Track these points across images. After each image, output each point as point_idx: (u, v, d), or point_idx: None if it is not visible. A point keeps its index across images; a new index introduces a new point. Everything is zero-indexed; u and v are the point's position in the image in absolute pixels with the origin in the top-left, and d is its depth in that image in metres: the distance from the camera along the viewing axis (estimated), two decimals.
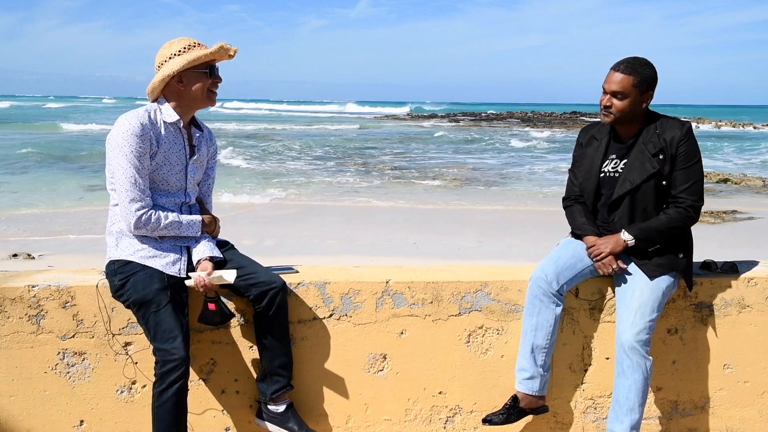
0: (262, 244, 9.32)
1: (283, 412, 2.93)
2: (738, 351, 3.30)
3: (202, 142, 2.99)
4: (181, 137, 2.89)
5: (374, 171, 20.02)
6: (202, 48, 2.83)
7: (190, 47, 2.82)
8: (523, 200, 14.68)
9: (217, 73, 2.89)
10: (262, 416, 2.98)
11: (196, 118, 3.01)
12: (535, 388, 3.03)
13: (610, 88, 2.98)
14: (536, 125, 50.13)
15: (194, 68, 2.82)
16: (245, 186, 15.96)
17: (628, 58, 3.00)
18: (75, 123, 41.80)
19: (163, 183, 2.84)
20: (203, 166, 3.02)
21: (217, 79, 2.88)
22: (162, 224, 2.77)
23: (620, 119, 3.02)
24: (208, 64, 2.84)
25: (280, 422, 2.93)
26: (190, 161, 2.92)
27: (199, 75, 2.83)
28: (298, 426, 2.92)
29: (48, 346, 2.89)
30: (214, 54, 2.82)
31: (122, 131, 2.73)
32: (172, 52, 2.82)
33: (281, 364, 2.91)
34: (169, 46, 2.84)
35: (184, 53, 2.80)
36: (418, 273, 3.25)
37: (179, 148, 2.88)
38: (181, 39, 2.85)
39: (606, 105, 3.01)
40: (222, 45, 2.82)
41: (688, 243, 3.10)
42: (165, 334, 2.67)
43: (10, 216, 11.59)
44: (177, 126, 2.87)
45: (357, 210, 13.02)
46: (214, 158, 3.11)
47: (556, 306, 3.02)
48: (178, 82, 2.83)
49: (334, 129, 43.05)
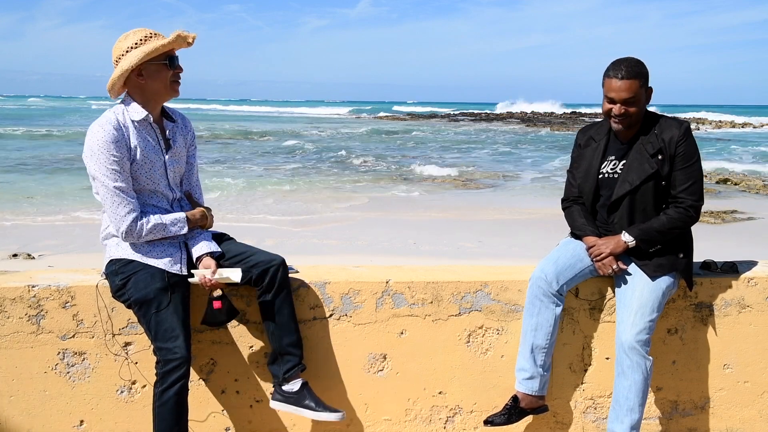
0: (262, 244, 9.32)
1: (298, 391, 2.88)
2: (738, 351, 3.30)
3: (176, 133, 2.92)
4: (154, 133, 2.82)
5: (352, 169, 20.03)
6: (159, 38, 2.74)
7: (146, 38, 2.73)
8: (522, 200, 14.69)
9: (177, 62, 2.80)
10: (277, 399, 2.92)
11: (167, 109, 2.93)
12: (535, 388, 3.03)
13: (620, 96, 2.93)
14: (536, 125, 50.12)
15: (153, 60, 2.73)
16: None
17: (622, 62, 2.95)
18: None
19: (146, 183, 2.80)
20: (183, 158, 2.95)
21: (178, 69, 2.80)
22: (145, 230, 2.72)
23: (634, 123, 3.01)
24: (167, 55, 2.76)
25: (296, 401, 2.87)
26: (167, 156, 2.85)
27: (158, 66, 2.75)
28: (315, 403, 2.86)
29: (48, 346, 2.89)
30: (172, 43, 2.74)
31: (95, 140, 2.67)
32: (129, 45, 2.72)
33: (291, 342, 2.87)
34: (124, 39, 2.75)
35: (141, 45, 2.71)
36: (418, 273, 3.25)
37: (153, 144, 2.81)
38: (136, 30, 2.76)
39: (620, 114, 2.96)
40: (179, 33, 2.73)
41: (689, 243, 3.10)
42: (166, 334, 2.66)
43: (10, 216, 11.58)
44: (147, 122, 2.79)
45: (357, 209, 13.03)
46: (194, 146, 3.03)
47: (556, 306, 3.02)
48: (137, 76, 2.75)
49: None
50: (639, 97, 2.95)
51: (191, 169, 3.02)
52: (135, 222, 2.70)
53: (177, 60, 2.82)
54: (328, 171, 20.08)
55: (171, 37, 2.73)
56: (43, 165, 19.79)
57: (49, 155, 22.28)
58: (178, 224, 2.81)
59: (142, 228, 2.72)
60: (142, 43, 2.72)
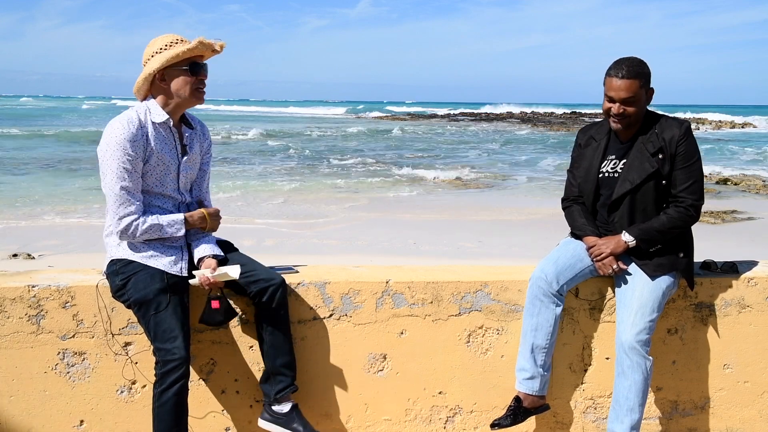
0: (262, 244, 9.32)
1: (288, 413, 2.90)
2: (738, 351, 3.30)
3: (194, 140, 2.95)
4: (172, 137, 2.85)
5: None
6: (184, 44, 2.77)
7: (171, 44, 2.76)
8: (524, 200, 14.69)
9: (202, 70, 2.81)
10: (266, 418, 2.94)
11: (188, 116, 2.96)
12: (536, 388, 3.03)
13: (619, 96, 2.93)
14: (536, 125, 50.12)
15: (175, 65, 2.76)
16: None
17: (623, 62, 2.96)
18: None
19: (156, 185, 2.81)
20: (196, 165, 2.98)
21: (201, 76, 2.81)
22: (140, 231, 2.72)
23: (633, 123, 3.01)
24: (190, 61, 2.78)
25: (284, 423, 2.89)
26: (182, 161, 2.88)
27: (179, 72, 2.77)
28: (303, 427, 2.88)
29: (48, 346, 2.89)
30: (194, 50, 2.75)
31: (114, 136, 2.69)
32: (155, 50, 2.77)
33: (284, 363, 2.89)
34: (153, 43, 2.80)
35: (165, 50, 2.75)
36: (418, 273, 3.25)
37: (170, 148, 2.84)
38: (165, 36, 2.80)
39: (618, 113, 2.97)
40: (201, 40, 2.75)
41: (689, 242, 3.10)
42: (166, 334, 2.67)
43: (10, 216, 11.58)
44: (167, 125, 2.82)
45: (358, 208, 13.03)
46: (209, 154, 3.06)
47: (556, 306, 3.02)
48: (160, 81, 2.78)
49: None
50: (638, 97, 2.95)
51: (203, 176, 3.04)
52: (132, 224, 2.71)
53: (202, 67, 2.82)
54: (328, 171, 20.08)
55: (193, 44, 2.75)
56: (42, 165, 19.80)
57: (48, 155, 22.28)
58: (175, 225, 2.80)
59: (137, 228, 2.72)
60: (166, 49, 2.76)
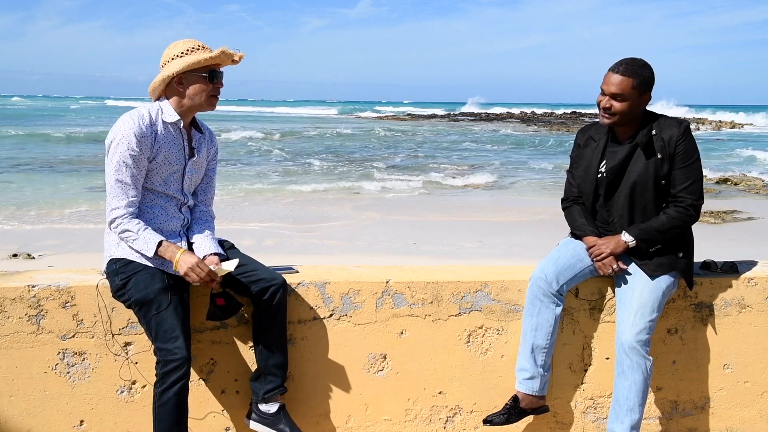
0: (262, 244, 9.32)
1: (275, 413, 2.90)
2: (738, 351, 3.30)
3: (202, 144, 2.98)
4: (181, 138, 2.88)
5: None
6: (205, 51, 2.82)
7: (192, 50, 2.81)
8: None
9: (219, 78, 2.86)
10: (254, 418, 2.94)
11: (198, 120, 3.00)
12: (536, 388, 3.03)
13: (609, 90, 2.96)
14: (536, 125, 50.13)
15: (195, 71, 2.80)
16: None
17: (626, 60, 2.98)
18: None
19: (161, 184, 2.84)
20: (202, 168, 3.01)
21: (218, 84, 2.86)
22: (120, 228, 2.73)
23: (620, 121, 3.02)
24: (210, 68, 2.83)
25: (270, 423, 2.89)
26: (188, 162, 2.91)
27: (198, 78, 2.81)
28: (290, 428, 2.88)
29: (48, 346, 2.89)
30: (215, 58, 2.80)
31: (121, 129, 2.73)
32: (176, 53, 2.81)
33: (276, 363, 2.90)
34: (174, 47, 2.84)
35: (186, 55, 2.79)
36: (418, 273, 3.26)
37: (178, 148, 2.87)
38: (186, 41, 2.84)
39: (606, 107, 2.99)
40: (224, 50, 2.81)
41: (689, 242, 3.10)
42: (166, 334, 2.67)
43: (10, 216, 11.58)
44: (177, 126, 2.86)
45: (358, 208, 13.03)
46: (215, 160, 3.09)
47: (556, 306, 3.02)
48: (178, 84, 2.82)
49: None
50: (628, 95, 2.94)
51: (209, 182, 3.06)
52: (116, 219, 2.73)
53: (220, 76, 2.86)
54: (327, 171, 20.08)
55: (215, 53, 2.79)
56: (42, 165, 19.81)
57: (47, 155, 22.28)
58: (147, 246, 2.72)
59: (119, 225, 2.73)
60: (187, 54, 2.79)
